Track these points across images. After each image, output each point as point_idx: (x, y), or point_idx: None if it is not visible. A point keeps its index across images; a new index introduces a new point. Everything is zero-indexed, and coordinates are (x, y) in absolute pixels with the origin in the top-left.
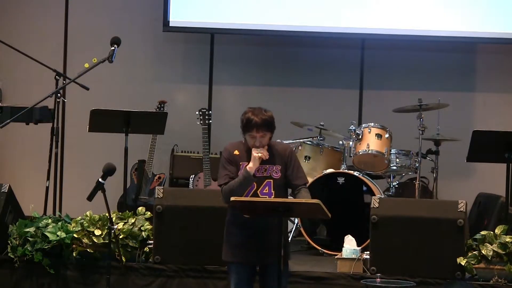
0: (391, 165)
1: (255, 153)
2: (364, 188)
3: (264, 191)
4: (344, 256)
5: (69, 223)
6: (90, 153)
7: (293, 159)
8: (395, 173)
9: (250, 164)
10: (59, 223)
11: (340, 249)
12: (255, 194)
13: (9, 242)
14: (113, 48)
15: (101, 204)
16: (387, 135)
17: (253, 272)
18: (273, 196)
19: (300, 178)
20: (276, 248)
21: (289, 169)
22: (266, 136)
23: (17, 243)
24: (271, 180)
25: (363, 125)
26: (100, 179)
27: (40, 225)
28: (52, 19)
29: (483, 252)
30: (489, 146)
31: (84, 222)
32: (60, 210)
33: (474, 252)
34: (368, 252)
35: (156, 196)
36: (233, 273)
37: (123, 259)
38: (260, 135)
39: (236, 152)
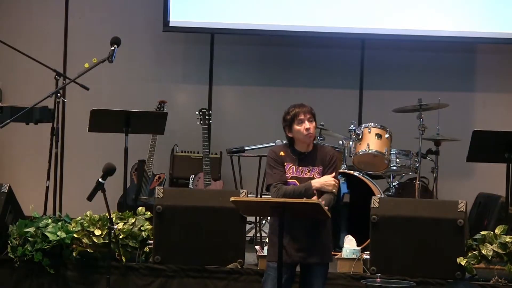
0: (391, 165)
1: (331, 181)
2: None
3: None
4: (344, 256)
5: (69, 223)
6: (90, 153)
7: (332, 163)
8: (395, 173)
9: (316, 184)
10: (59, 223)
11: (340, 249)
12: None
13: (9, 242)
14: (113, 48)
15: (101, 204)
16: (387, 135)
17: (292, 274)
18: (315, 197)
19: None
20: (319, 249)
21: (325, 170)
22: (312, 122)
23: (17, 243)
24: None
25: (363, 125)
26: (100, 179)
27: (40, 225)
28: (52, 19)
29: (483, 252)
30: (489, 146)
31: (84, 222)
32: (60, 210)
33: (474, 252)
34: (368, 252)
35: (156, 196)
36: (273, 272)
37: (123, 259)
38: (307, 117)
39: (282, 153)
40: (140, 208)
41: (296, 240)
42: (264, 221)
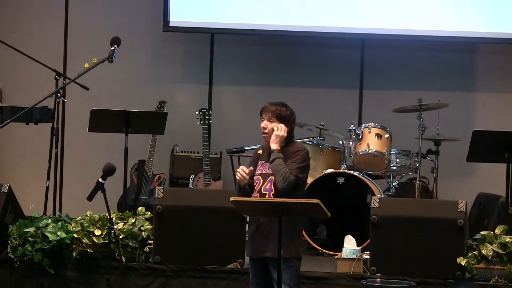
0: (391, 165)
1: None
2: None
3: (266, 187)
4: (344, 256)
5: (69, 223)
6: (90, 153)
7: (296, 156)
8: (395, 173)
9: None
10: (59, 223)
11: (340, 249)
12: (260, 190)
13: (9, 242)
14: (113, 48)
15: (101, 204)
16: (387, 135)
17: (264, 267)
18: (272, 193)
19: (289, 169)
20: (276, 244)
21: (287, 161)
22: (272, 122)
23: (17, 243)
24: (273, 177)
25: (363, 125)
26: (100, 179)
27: (40, 225)
28: (52, 19)
29: (483, 252)
30: (489, 146)
31: (84, 222)
32: (60, 210)
33: (474, 252)
34: (368, 252)
35: (156, 196)
36: (250, 267)
37: (123, 259)
38: (267, 116)
39: (260, 151)
40: (140, 208)
41: (259, 235)
42: None
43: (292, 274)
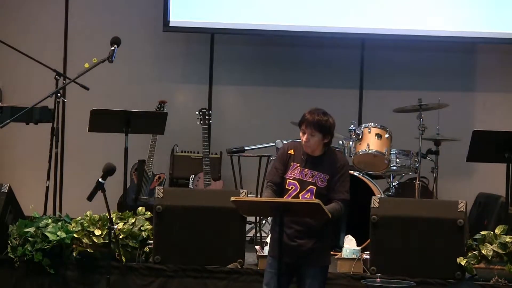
0: (391, 165)
1: None
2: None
3: (306, 196)
4: (344, 256)
5: (69, 223)
6: (90, 153)
7: (342, 173)
8: (395, 173)
9: None
10: (59, 223)
11: (340, 249)
12: (297, 196)
13: (9, 242)
14: (113, 48)
15: (101, 204)
16: (387, 135)
17: (288, 270)
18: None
19: (339, 192)
20: (312, 252)
21: (333, 180)
22: (314, 136)
23: (17, 243)
24: (315, 188)
25: (363, 125)
26: (100, 179)
27: (40, 225)
28: (52, 19)
29: (483, 252)
30: (489, 146)
31: (84, 222)
32: (60, 210)
33: (474, 252)
34: (368, 252)
35: (156, 196)
36: (268, 266)
37: (123, 259)
38: (308, 131)
39: (292, 151)
40: (140, 208)
41: (291, 240)
42: (264, 221)
43: (324, 281)
